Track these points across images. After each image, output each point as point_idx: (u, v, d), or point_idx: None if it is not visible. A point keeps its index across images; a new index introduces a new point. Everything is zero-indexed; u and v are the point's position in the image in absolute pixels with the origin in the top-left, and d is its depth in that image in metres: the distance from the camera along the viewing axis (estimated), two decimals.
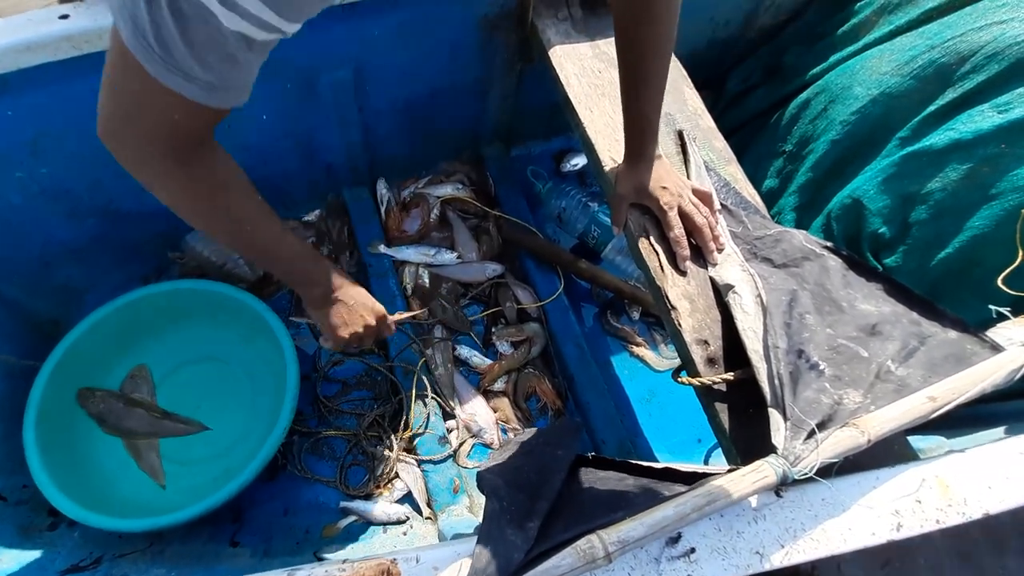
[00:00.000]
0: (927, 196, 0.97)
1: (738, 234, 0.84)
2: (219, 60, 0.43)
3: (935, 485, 0.60)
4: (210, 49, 0.42)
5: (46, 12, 0.80)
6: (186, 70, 0.43)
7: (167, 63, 0.42)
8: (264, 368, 1.08)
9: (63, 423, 0.97)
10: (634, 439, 1.12)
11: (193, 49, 0.42)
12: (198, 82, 0.44)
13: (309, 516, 0.99)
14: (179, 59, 0.42)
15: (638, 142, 0.81)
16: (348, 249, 1.27)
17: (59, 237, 1.05)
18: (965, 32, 1.00)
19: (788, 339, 0.68)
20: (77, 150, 0.94)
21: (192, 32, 0.41)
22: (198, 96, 0.45)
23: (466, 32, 1.07)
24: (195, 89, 0.45)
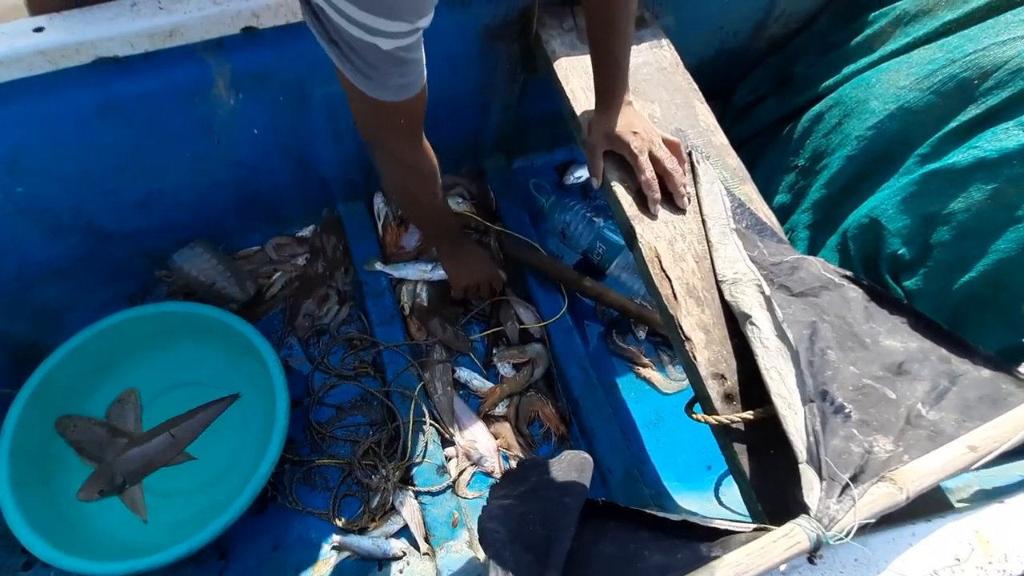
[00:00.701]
0: (949, 217, 0.93)
1: (754, 258, 0.80)
2: (395, 67, 0.59)
3: (975, 542, 0.55)
4: (386, 63, 0.58)
5: (20, 24, 0.75)
6: (382, 82, 0.60)
7: (369, 81, 0.60)
8: (253, 394, 1.03)
9: (39, 455, 0.92)
10: (641, 466, 1.08)
11: (376, 67, 0.58)
12: (393, 86, 0.62)
13: (300, 552, 0.94)
14: (373, 76, 0.59)
15: (608, 87, 0.84)
16: (343, 266, 1.22)
17: (38, 257, 1.00)
18: (988, 46, 0.96)
19: (812, 379, 0.63)
20: (56, 168, 0.89)
21: (367, 58, 0.57)
22: (398, 95, 0.63)
23: (466, 42, 1.03)
24: (393, 91, 0.62)
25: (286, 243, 1.24)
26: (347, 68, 0.59)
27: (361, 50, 0.55)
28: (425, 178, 0.85)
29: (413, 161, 0.80)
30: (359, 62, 0.57)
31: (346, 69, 0.59)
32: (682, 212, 0.84)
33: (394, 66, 0.59)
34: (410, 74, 0.62)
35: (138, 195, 1.00)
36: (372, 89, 0.61)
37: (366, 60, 0.57)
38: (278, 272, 1.20)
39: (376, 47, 0.55)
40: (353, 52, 0.56)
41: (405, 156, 0.79)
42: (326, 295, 1.19)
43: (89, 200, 0.96)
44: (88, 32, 0.75)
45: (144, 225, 1.04)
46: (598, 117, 0.86)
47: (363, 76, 0.59)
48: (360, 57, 0.57)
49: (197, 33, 0.80)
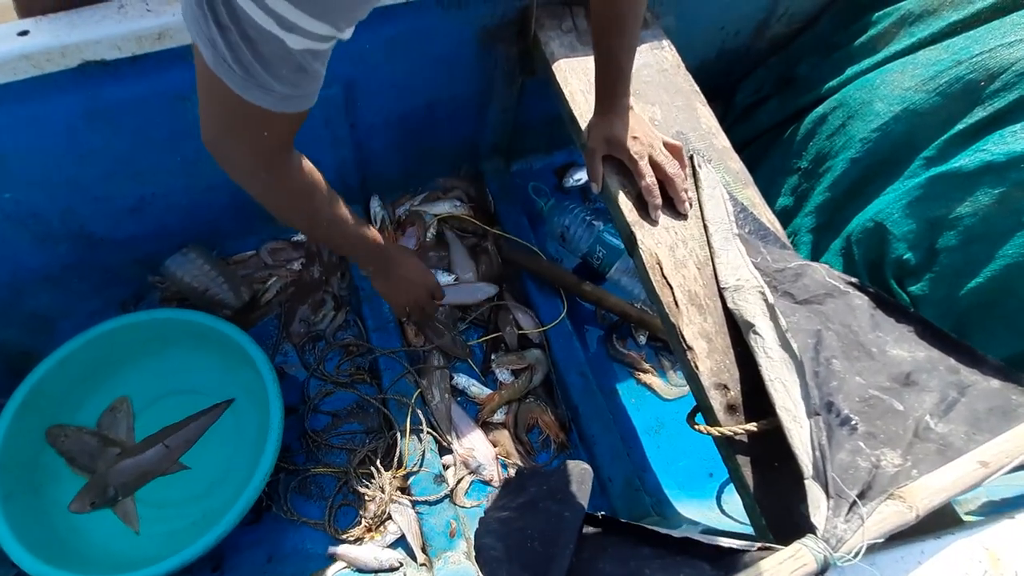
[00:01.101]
0: (956, 221, 0.91)
1: (757, 264, 0.78)
2: (290, 72, 0.49)
3: (985, 559, 0.54)
4: (281, 64, 0.48)
5: (4, 28, 0.73)
6: (264, 84, 0.49)
7: (246, 80, 0.48)
8: (248, 402, 1.01)
9: (28, 465, 0.91)
10: (642, 474, 1.06)
11: (267, 66, 0.47)
12: (275, 94, 0.50)
13: (295, 563, 0.92)
14: (256, 75, 0.48)
15: (610, 91, 0.81)
16: (339, 271, 1.20)
17: (29, 263, 0.98)
18: (994, 48, 0.94)
19: (817, 389, 0.62)
20: (44, 174, 0.87)
21: (263, 52, 0.46)
22: (276, 105, 0.51)
23: (464, 44, 1.01)
24: (273, 99, 0.50)
25: (281, 247, 1.22)
26: (222, 62, 0.47)
27: (259, 41, 0.45)
28: (300, 196, 0.70)
29: (279, 177, 0.65)
30: (246, 56, 0.46)
31: (220, 63, 0.47)
32: (683, 217, 0.82)
33: (291, 70, 0.49)
34: (304, 86, 0.52)
35: (130, 200, 0.98)
36: (248, 90, 0.49)
37: (259, 53, 0.46)
38: (273, 277, 1.19)
39: (282, 43, 0.45)
40: (247, 42, 0.45)
41: (268, 171, 0.64)
42: (322, 300, 1.18)
43: (80, 206, 0.94)
44: (74, 35, 0.74)
45: (137, 231, 1.03)
46: (598, 121, 0.85)
47: (244, 74, 0.47)
48: (253, 49, 0.46)
49: (185, 35, 0.78)
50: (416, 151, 1.21)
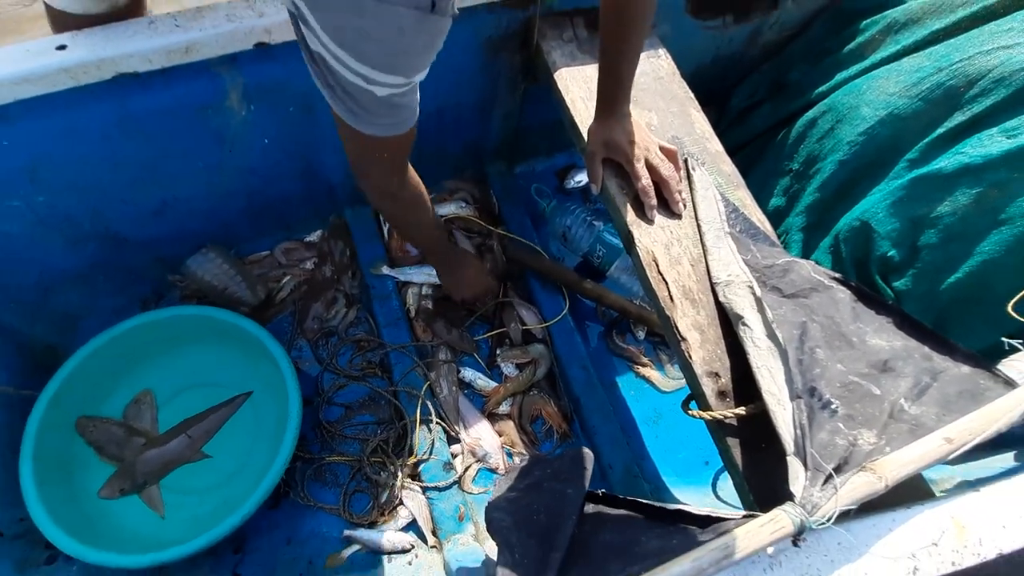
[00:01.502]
0: (936, 220, 0.96)
1: (748, 261, 0.83)
2: (386, 110, 0.62)
3: (951, 527, 0.59)
4: (376, 106, 0.60)
5: (44, 42, 0.79)
6: (371, 121, 0.63)
7: (358, 119, 0.62)
8: (265, 394, 1.06)
9: (61, 454, 0.96)
10: (641, 462, 1.11)
11: (367, 109, 0.60)
12: (382, 124, 0.64)
13: (312, 545, 0.98)
14: (363, 115, 0.61)
15: (610, 99, 0.87)
16: (350, 270, 1.26)
17: (57, 264, 1.04)
18: (973, 55, 0.99)
19: (801, 376, 0.67)
20: (76, 178, 0.93)
21: (360, 100, 0.59)
22: (386, 131, 0.66)
23: (470, 54, 1.07)
24: (381, 128, 0.65)
25: (295, 248, 1.28)
26: (339, 107, 0.61)
27: (355, 93, 0.58)
28: (409, 206, 0.87)
29: (398, 191, 0.82)
30: (352, 104, 0.59)
31: (338, 108, 0.61)
32: (678, 217, 0.87)
33: (386, 108, 0.61)
34: (400, 115, 0.64)
35: (154, 204, 1.04)
36: (361, 125, 0.63)
37: (358, 102, 0.59)
38: (287, 276, 1.24)
39: (371, 93, 0.57)
40: (347, 95, 0.58)
41: (390, 187, 0.81)
42: (334, 298, 1.23)
43: (107, 209, 1.00)
44: (109, 49, 0.79)
45: (159, 232, 1.08)
46: (597, 126, 0.90)
47: (354, 115, 0.61)
48: (353, 99, 0.59)
49: (212, 49, 0.84)
50: (423, 155, 1.25)
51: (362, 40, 0.52)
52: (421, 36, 0.53)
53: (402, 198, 0.84)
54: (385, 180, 0.79)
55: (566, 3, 1.06)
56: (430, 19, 0.51)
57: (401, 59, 0.55)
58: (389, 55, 0.54)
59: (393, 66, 0.55)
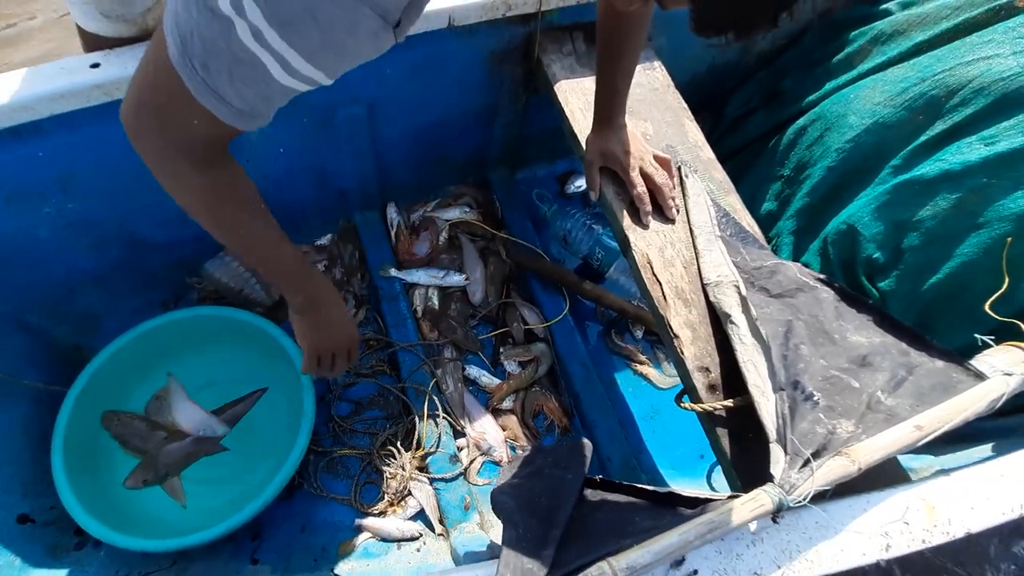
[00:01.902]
0: (918, 223, 1.01)
1: (737, 263, 0.88)
2: (256, 96, 0.49)
3: (921, 507, 0.64)
4: (252, 87, 0.48)
5: (78, 60, 0.85)
6: (222, 95, 0.49)
7: (207, 84, 0.48)
8: (280, 390, 1.12)
9: (88, 446, 1.01)
10: (638, 455, 1.16)
11: (235, 84, 0.48)
12: (230, 107, 0.50)
13: (326, 534, 1.03)
14: (218, 85, 0.48)
15: (607, 111, 0.91)
16: (359, 272, 1.31)
17: (83, 266, 1.09)
18: (954, 66, 1.04)
19: (785, 370, 0.72)
20: (104, 186, 0.98)
21: (241, 72, 0.47)
22: (227, 118, 0.51)
23: (474, 67, 1.12)
24: (226, 112, 0.50)
25: (306, 251, 1.33)
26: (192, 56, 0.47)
27: (245, 64, 0.46)
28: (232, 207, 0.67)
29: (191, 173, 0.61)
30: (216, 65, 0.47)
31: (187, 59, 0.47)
32: (671, 222, 0.92)
33: (260, 96, 0.50)
34: (261, 113, 0.52)
35: (176, 209, 1.08)
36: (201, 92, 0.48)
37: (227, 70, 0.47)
38: None
39: (266, 73, 0.46)
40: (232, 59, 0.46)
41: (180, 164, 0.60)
42: (344, 299, 1.28)
43: (132, 214, 1.05)
44: None
45: (180, 236, 1.13)
46: (595, 137, 0.95)
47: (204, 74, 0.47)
48: (221, 63, 0.46)
49: None
50: (429, 162, 1.32)
51: (304, 21, 0.44)
52: (366, 46, 0.47)
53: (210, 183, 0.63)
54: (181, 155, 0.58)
55: (566, 18, 1.11)
56: (386, 34, 0.47)
57: (331, 56, 0.47)
58: (324, 47, 0.46)
59: (319, 59, 0.46)
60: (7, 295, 1.02)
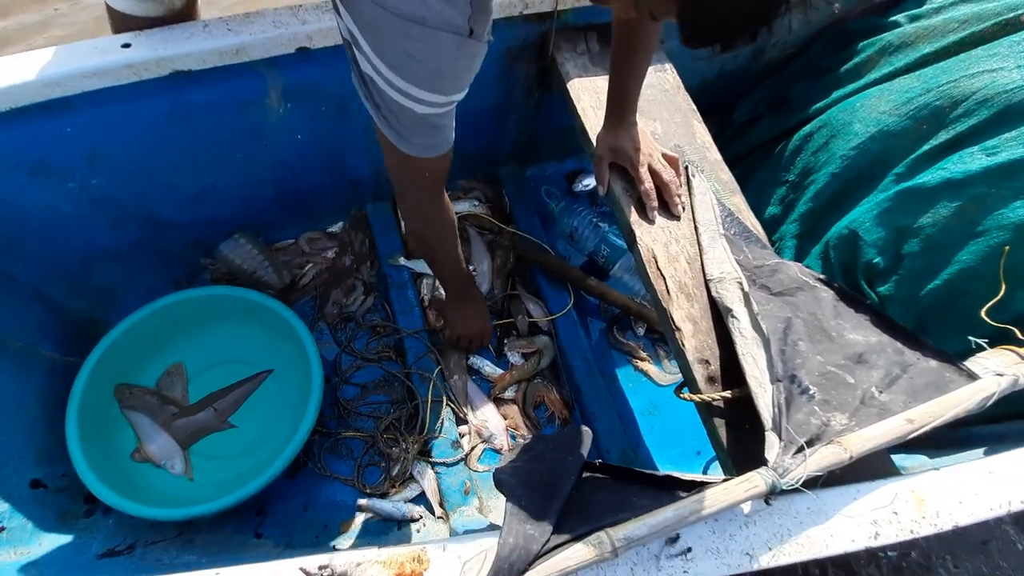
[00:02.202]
0: (919, 230, 1.03)
1: (740, 261, 0.91)
2: (425, 129, 0.67)
3: (911, 499, 0.66)
4: (415, 125, 0.66)
5: (110, 40, 0.88)
6: (409, 139, 0.68)
7: (399, 137, 0.67)
8: (288, 371, 1.14)
9: (101, 417, 1.04)
10: (636, 449, 1.18)
11: (406, 127, 0.66)
12: (418, 145, 0.69)
13: (328, 512, 1.05)
14: (403, 133, 0.67)
15: (618, 109, 0.95)
16: (369, 260, 1.34)
17: (102, 242, 1.12)
18: (959, 78, 1.07)
19: (783, 364, 0.74)
20: (127, 164, 1.01)
21: (401, 118, 0.65)
22: (421, 152, 0.70)
23: (489, 63, 1.12)
24: (417, 148, 0.70)
25: (318, 237, 1.36)
26: (384, 125, 0.66)
27: (398, 112, 0.63)
28: (441, 228, 0.91)
29: (433, 212, 0.86)
30: (395, 122, 0.65)
31: (383, 126, 0.67)
32: (677, 219, 0.95)
33: (424, 128, 0.66)
34: (438, 136, 0.69)
35: (193, 190, 1.12)
36: (403, 145, 0.68)
37: (400, 121, 0.64)
38: (310, 264, 1.32)
39: (412, 111, 0.62)
40: (391, 113, 0.64)
41: (425, 205, 0.85)
42: (353, 286, 1.31)
43: (151, 193, 1.08)
44: (168, 49, 0.88)
45: (196, 217, 1.16)
46: (605, 133, 0.98)
47: (396, 133, 0.66)
48: (396, 118, 0.64)
49: (258, 52, 0.93)
50: None
51: (407, 60, 0.57)
52: (460, 59, 0.59)
53: (438, 219, 0.88)
54: (424, 198, 0.83)
55: (580, 18, 1.14)
56: (468, 43, 0.57)
57: (440, 79, 0.60)
58: (430, 74, 0.59)
59: (433, 84, 0.60)
60: (28, 267, 1.05)
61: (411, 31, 0.55)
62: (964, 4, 1.21)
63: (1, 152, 0.89)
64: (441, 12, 0.55)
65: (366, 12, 0.56)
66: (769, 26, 0.45)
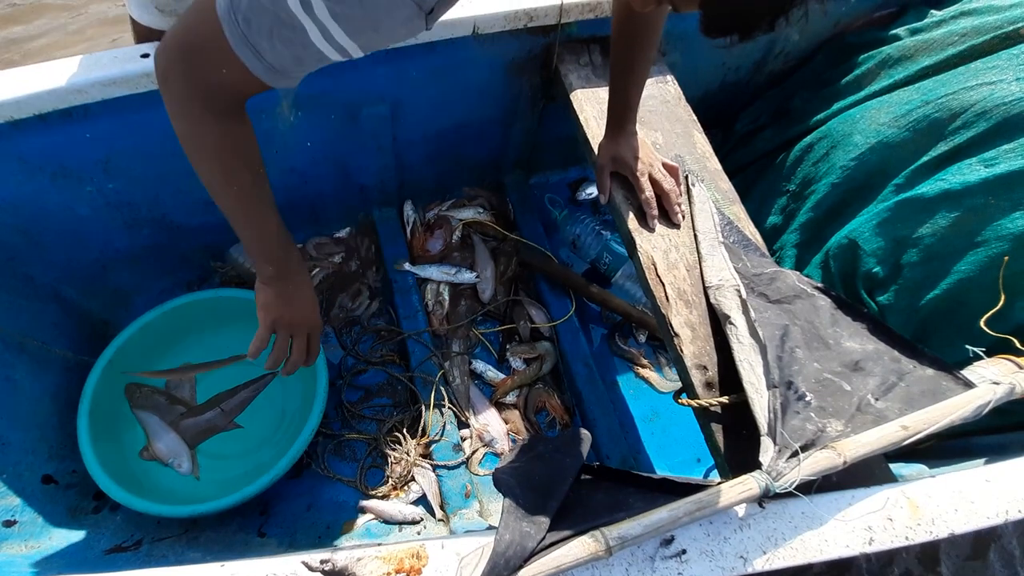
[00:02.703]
0: (918, 240, 1.04)
1: (738, 269, 0.92)
2: (290, 56, 0.54)
3: (906, 505, 0.66)
4: (288, 48, 0.53)
5: (130, 51, 0.91)
6: (259, 49, 0.53)
7: (246, 37, 0.52)
8: (295, 374, 1.16)
9: (111, 415, 1.06)
10: (636, 455, 1.19)
11: (273, 41, 0.52)
12: (263, 62, 0.54)
13: (331, 513, 1.06)
14: (257, 40, 0.52)
15: (619, 118, 0.96)
16: (375, 265, 1.36)
17: (117, 245, 1.15)
18: (957, 91, 1.08)
19: (780, 371, 0.75)
20: (142, 170, 1.04)
21: (281, 32, 0.51)
22: (258, 71, 0.55)
23: (494, 74, 1.17)
24: (259, 67, 0.54)
25: (325, 243, 1.39)
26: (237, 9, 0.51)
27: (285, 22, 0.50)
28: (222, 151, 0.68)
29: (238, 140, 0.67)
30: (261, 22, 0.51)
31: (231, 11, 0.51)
32: (676, 227, 0.96)
33: (293, 58, 0.53)
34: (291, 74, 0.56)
35: (205, 195, 1.14)
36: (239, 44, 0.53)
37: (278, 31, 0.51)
38: (317, 268, 1.35)
39: (304, 35, 0.50)
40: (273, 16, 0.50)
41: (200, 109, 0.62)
42: (359, 290, 1.33)
43: (165, 197, 1.11)
44: None
45: (208, 222, 1.19)
46: (607, 142, 1.00)
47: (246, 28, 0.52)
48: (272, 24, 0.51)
49: None
50: (447, 163, 1.37)
51: (349, 4, 0.49)
52: (399, 28, 0.53)
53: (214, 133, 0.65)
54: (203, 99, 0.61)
55: (584, 31, 1.17)
56: (418, 20, 0.52)
57: (368, 34, 0.52)
58: (363, 24, 0.51)
59: (357, 33, 0.51)
60: (46, 267, 1.08)
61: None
62: (964, 18, 1.23)
63: (27, 156, 0.92)
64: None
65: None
66: (787, 16, 0.45)
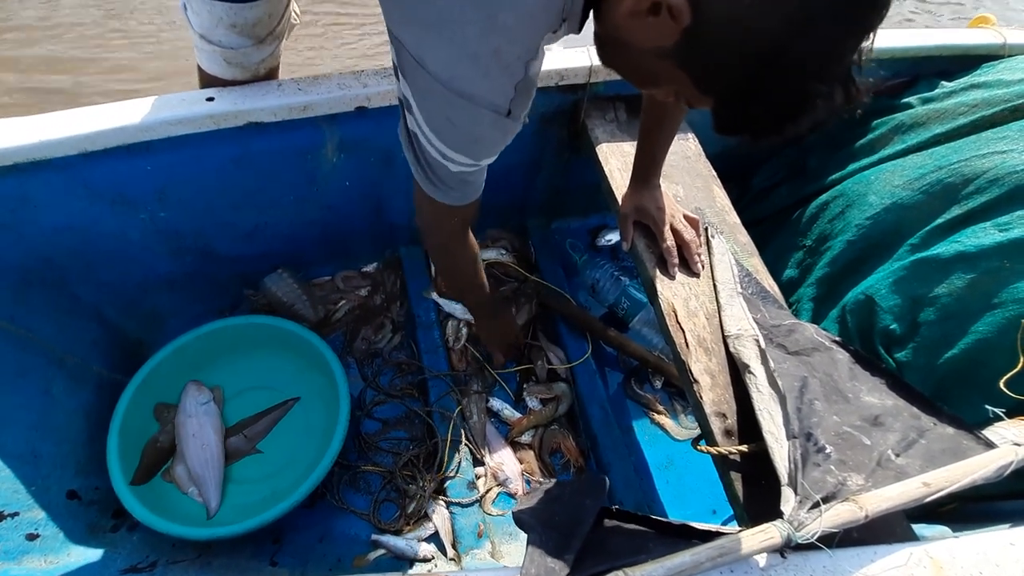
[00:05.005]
0: (934, 299, 1.06)
1: (757, 319, 0.94)
2: (458, 183, 0.76)
3: (929, 565, 0.65)
4: (449, 178, 0.74)
5: (196, 94, 1.00)
6: (444, 190, 0.76)
7: (437, 188, 0.76)
8: (317, 401, 1.19)
9: (139, 434, 1.09)
10: (651, 504, 1.17)
11: (444, 179, 0.74)
12: (453, 195, 0.78)
13: (342, 545, 1.06)
14: (437, 184, 0.75)
15: (645, 172, 1.03)
16: (399, 300, 1.41)
17: (160, 270, 1.22)
18: (969, 158, 1.13)
19: (799, 422, 0.76)
20: (192, 201, 1.11)
21: (440, 172, 0.73)
22: (455, 202, 0.79)
23: (525, 126, 1.24)
24: (453, 198, 0.79)
25: (353, 276, 1.44)
26: (420, 175, 0.76)
27: (435, 166, 0.72)
28: (464, 263, 1.00)
29: (458, 250, 0.96)
30: (431, 174, 0.74)
31: (419, 175, 0.76)
32: (696, 276, 1.00)
33: (456, 182, 0.75)
34: (467, 189, 0.78)
35: (248, 227, 1.22)
36: (436, 194, 0.77)
37: (436, 174, 0.73)
38: (343, 300, 1.40)
39: (446, 167, 0.71)
40: (428, 166, 0.73)
41: (452, 245, 0.94)
42: (382, 324, 1.37)
43: (210, 228, 1.18)
44: (246, 103, 1.00)
45: (246, 251, 1.26)
46: (631, 193, 1.05)
47: (431, 184, 0.76)
48: (432, 170, 0.73)
49: (322, 109, 1.04)
50: None
51: (448, 126, 0.66)
52: (494, 133, 0.68)
53: (463, 256, 0.97)
54: (449, 241, 0.92)
55: (610, 90, 1.25)
56: (503, 121, 0.65)
57: (474, 145, 0.69)
58: (466, 140, 0.68)
59: (467, 149, 0.69)
60: (93, 288, 1.14)
61: (457, 103, 0.63)
62: (974, 90, 1.29)
63: (93, 183, 0.99)
64: (487, 94, 0.63)
65: (422, 82, 0.64)
66: (796, 122, 0.51)
